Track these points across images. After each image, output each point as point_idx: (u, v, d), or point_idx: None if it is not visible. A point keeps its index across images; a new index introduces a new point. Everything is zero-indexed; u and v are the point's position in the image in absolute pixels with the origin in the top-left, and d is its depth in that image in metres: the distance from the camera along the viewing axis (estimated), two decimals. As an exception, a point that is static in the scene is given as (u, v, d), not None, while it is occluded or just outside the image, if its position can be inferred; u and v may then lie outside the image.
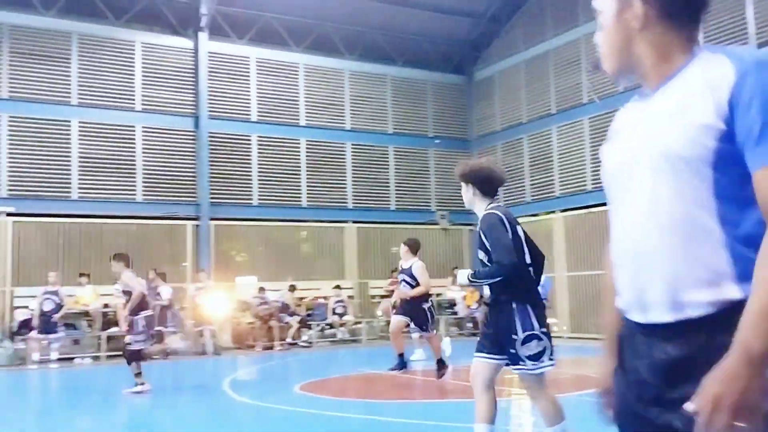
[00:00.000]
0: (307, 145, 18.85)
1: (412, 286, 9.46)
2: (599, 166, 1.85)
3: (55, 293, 14.01)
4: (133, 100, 16.85)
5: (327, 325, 17.25)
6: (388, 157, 20.05)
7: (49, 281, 14.09)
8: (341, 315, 17.18)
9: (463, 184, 4.65)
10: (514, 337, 4.23)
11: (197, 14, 17.35)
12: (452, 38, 20.85)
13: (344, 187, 19.28)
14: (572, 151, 17.89)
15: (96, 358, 14.43)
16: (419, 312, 9.40)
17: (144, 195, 16.72)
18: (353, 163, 19.46)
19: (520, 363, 4.26)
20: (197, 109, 17.39)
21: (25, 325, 14.20)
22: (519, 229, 4.48)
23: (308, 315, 17.04)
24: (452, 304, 18.68)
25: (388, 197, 19.94)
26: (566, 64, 18.17)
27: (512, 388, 7.40)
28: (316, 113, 19.10)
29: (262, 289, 16.66)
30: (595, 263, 15.68)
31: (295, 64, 18.96)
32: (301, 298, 17.23)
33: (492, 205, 4.54)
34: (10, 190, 15.31)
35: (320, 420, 6.77)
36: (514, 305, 4.28)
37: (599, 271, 12.88)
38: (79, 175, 16.04)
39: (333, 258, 18.90)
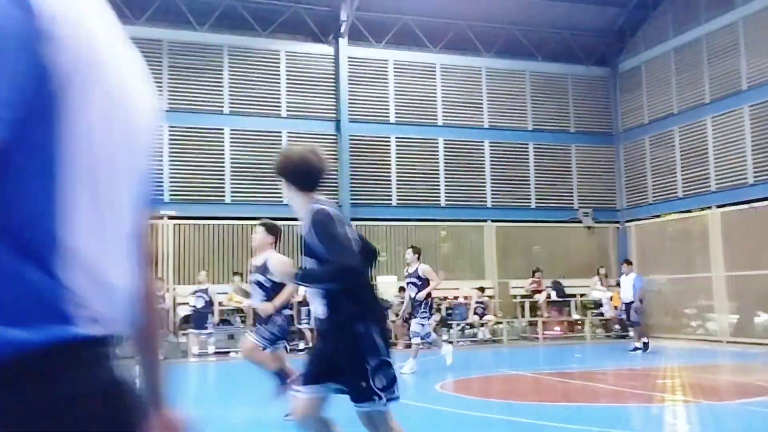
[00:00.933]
0: (445, 144, 18.86)
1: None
2: (762, 157, 1.70)
3: (205, 291, 14.94)
4: (279, 106, 17.65)
5: (467, 324, 17.17)
6: (527, 155, 19.63)
7: (199, 280, 15.06)
8: (482, 315, 17.03)
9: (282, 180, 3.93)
10: (366, 366, 3.44)
11: (337, 21, 17.88)
12: (595, 29, 20.07)
13: (483, 186, 19.10)
14: (730, 142, 16.63)
15: (248, 352, 15.21)
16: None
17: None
18: (492, 161, 19.23)
19: (374, 398, 3.48)
20: (338, 113, 17.92)
21: (186, 321, 15.30)
22: (349, 228, 3.72)
23: (448, 314, 17.04)
24: (598, 305, 17.99)
25: (528, 195, 19.53)
26: (722, 49, 16.94)
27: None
28: (454, 112, 19.07)
29: (401, 289, 16.85)
30: (758, 262, 14.51)
31: (432, 64, 19.03)
32: (443, 298, 17.27)
33: (316, 199, 3.79)
34: (172, 195, 16.53)
35: (461, 419, 6.73)
36: (359, 326, 3.48)
37: (763, 271, 11.95)
38: (231, 179, 17.03)
39: (472, 257, 18.78)
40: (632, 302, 14.16)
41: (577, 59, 20.16)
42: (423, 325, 10.99)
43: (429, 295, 10.97)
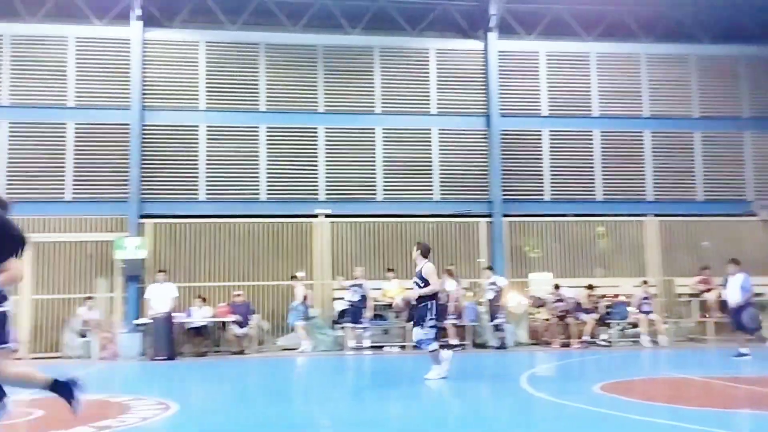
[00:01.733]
0: (601, 136, 18.12)
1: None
2: None
3: (360, 286, 15.34)
4: (429, 104, 17.76)
5: (628, 324, 16.35)
6: (693, 144, 18.39)
7: (355, 275, 15.50)
8: (648, 312, 16.03)
9: None
10: None
11: (486, 15, 17.70)
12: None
13: (643, 179, 18.13)
14: None
15: (402, 347, 15.48)
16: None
17: (440, 194, 17.52)
18: (653, 152, 18.22)
19: None
20: (488, 108, 17.74)
21: (342, 315, 15.81)
22: None
23: (607, 313, 16.32)
24: (777, 305, 16.44)
25: (693, 188, 18.29)
26: None
27: None
28: (610, 102, 18.27)
29: (557, 286, 16.38)
30: None
31: (586, 53, 18.34)
32: (602, 296, 16.57)
33: None
34: (328, 194, 17.14)
35: (623, 422, 6.42)
36: None
37: None
38: (384, 178, 17.37)
39: (632, 254, 17.87)
40: (741, 305, 12.87)
41: (750, 39, 18.57)
42: (424, 328, 9.56)
43: (434, 297, 9.70)
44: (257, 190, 16.93)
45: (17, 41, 16.38)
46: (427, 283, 9.64)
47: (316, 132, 17.27)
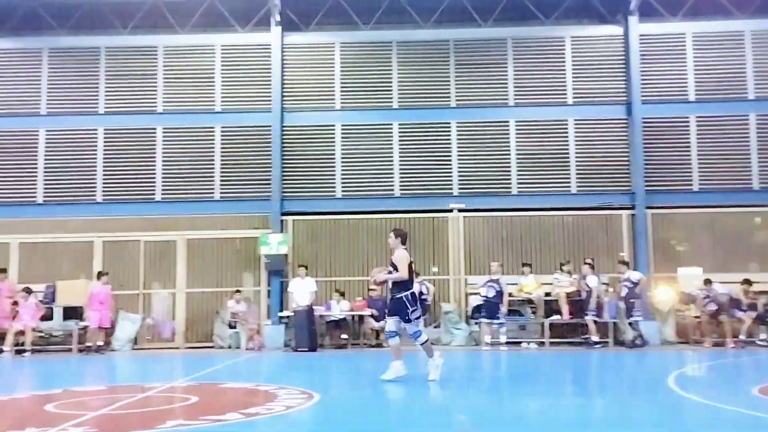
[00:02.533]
0: (758, 120, 16.85)
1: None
2: None
3: (497, 281, 15.13)
4: (565, 94, 17.23)
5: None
6: None
7: (492, 270, 15.31)
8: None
9: None
10: None
11: (626, -2, 16.91)
12: None
13: (807, 165, 16.62)
14: None
15: (541, 344, 15.14)
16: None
17: (578, 186, 16.95)
18: (819, 136, 16.65)
19: None
20: (629, 95, 16.95)
21: (477, 310, 15.70)
22: None
23: (765, 311, 15.10)
24: None
25: None
26: None
27: None
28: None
29: (708, 281, 15.36)
30: None
31: (739, 32, 17.07)
32: (759, 293, 15.35)
33: None
34: (461, 188, 17.08)
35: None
36: None
37: None
38: (518, 171, 17.05)
39: (795, 247, 16.43)
40: None
41: None
42: (411, 322, 8.78)
43: (408, 289, 8.80)
44: (391, 186, 17.16)
45: (169, 52, 17.59)
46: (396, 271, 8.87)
47: (448, 126, 17.25)
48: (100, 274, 15.63)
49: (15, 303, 15.20)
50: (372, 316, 15.62)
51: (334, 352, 15.00)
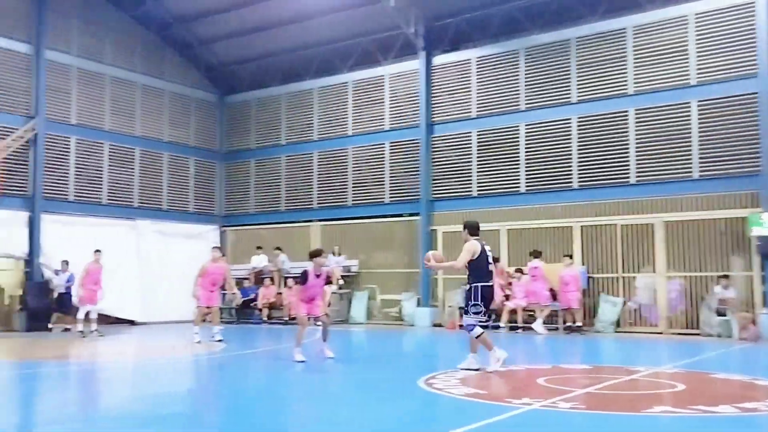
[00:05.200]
0: None
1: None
2: None
3: None
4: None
5: None
6: None
7: None
8: None
9: None
10: None
11: None
12: None
13: None
14: None
15: None
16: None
17: None
18: None
19: None
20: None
21: None
22: None
23: None
24: None
25: None
26: None
27: None
28: None
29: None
30: None
31: None
32: None
33: None
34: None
35: None
36: None
37: None
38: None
39: None
40: None
41: None
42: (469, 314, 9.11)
43: (478, 281, 9.09)
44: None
45: (638, 31, 17.12)
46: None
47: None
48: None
49: (509, 284, 16.90)
50: None
51: None
